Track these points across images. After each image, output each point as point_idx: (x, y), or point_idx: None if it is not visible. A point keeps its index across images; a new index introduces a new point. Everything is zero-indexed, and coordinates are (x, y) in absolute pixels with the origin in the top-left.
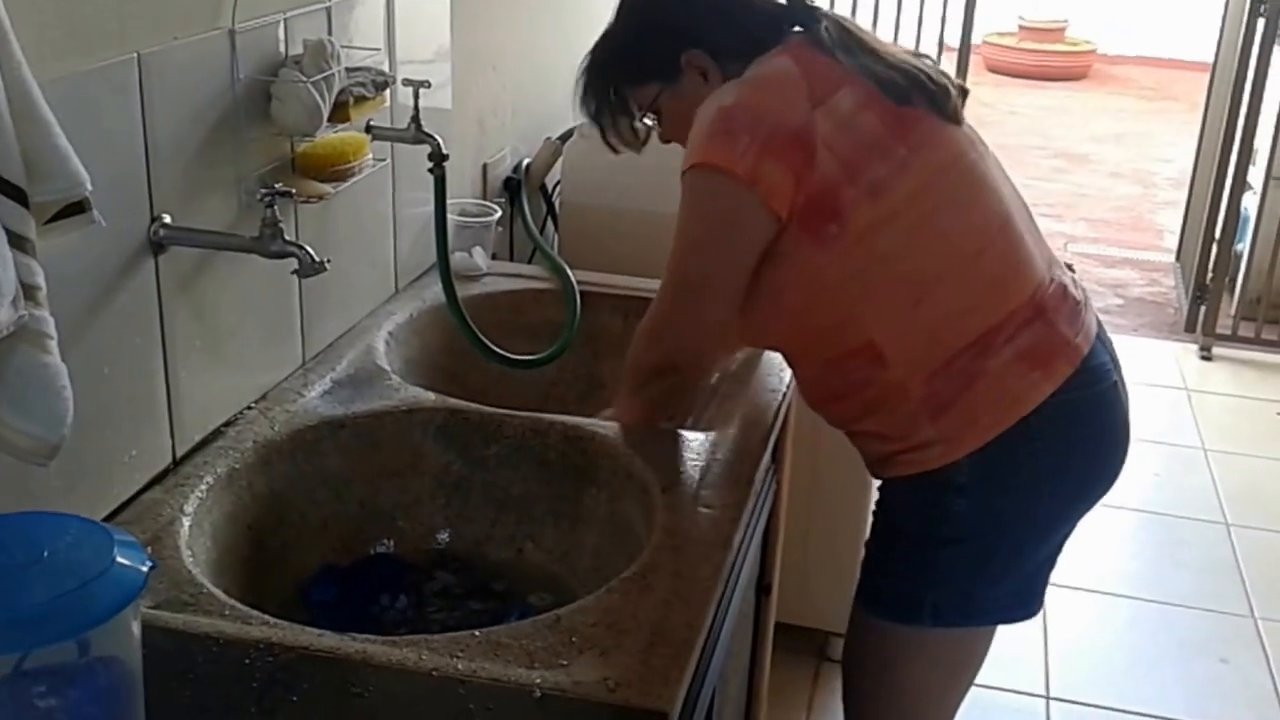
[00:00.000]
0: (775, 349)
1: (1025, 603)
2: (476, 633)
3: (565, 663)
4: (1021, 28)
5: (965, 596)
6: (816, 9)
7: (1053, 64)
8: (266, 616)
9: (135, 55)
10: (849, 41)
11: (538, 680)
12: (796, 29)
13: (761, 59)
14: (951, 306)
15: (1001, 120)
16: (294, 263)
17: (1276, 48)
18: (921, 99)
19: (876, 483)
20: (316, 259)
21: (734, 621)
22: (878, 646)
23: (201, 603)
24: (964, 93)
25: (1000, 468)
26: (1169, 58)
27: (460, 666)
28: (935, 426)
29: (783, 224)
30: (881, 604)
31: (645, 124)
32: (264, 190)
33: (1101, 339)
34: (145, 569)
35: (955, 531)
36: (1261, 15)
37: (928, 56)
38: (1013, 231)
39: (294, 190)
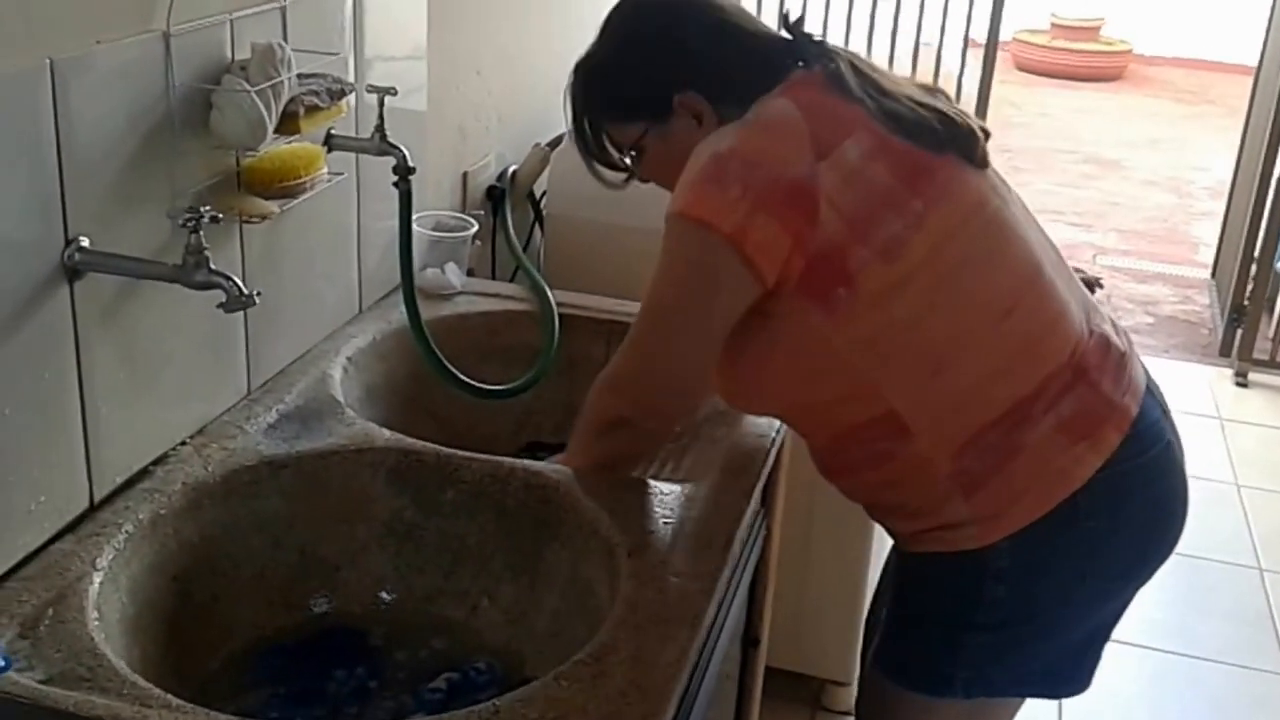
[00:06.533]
0: (779, 417)
1: (1068, 679)
2: None
3: None
4: (1054, 25)
5: (997, 674)
6: (825, 46)
7: (1086, 64)
8: (169, 698)
9: (48, 61)
10: (862, 81)
11: None
12: (801, 65)
13: (763, 99)
14: (978, 374)
15: (1030, 122)
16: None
17: None
18: (948, 144)
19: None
20: (245, 292)
21: (710, 690)
22: (902, 714)
23: (99, 678)
24: (986, 134)
25: (1043, 551)
26: (1210, 59)
27: None
28: (969, 505)
29: (769, 287)
30: (907, 676)
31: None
32: (187, 214)
33: (1152, 390)
34: None
35: (990, 618)
36: None
37: (943, 92)
38: (1044, 284)
39: (221, 214)
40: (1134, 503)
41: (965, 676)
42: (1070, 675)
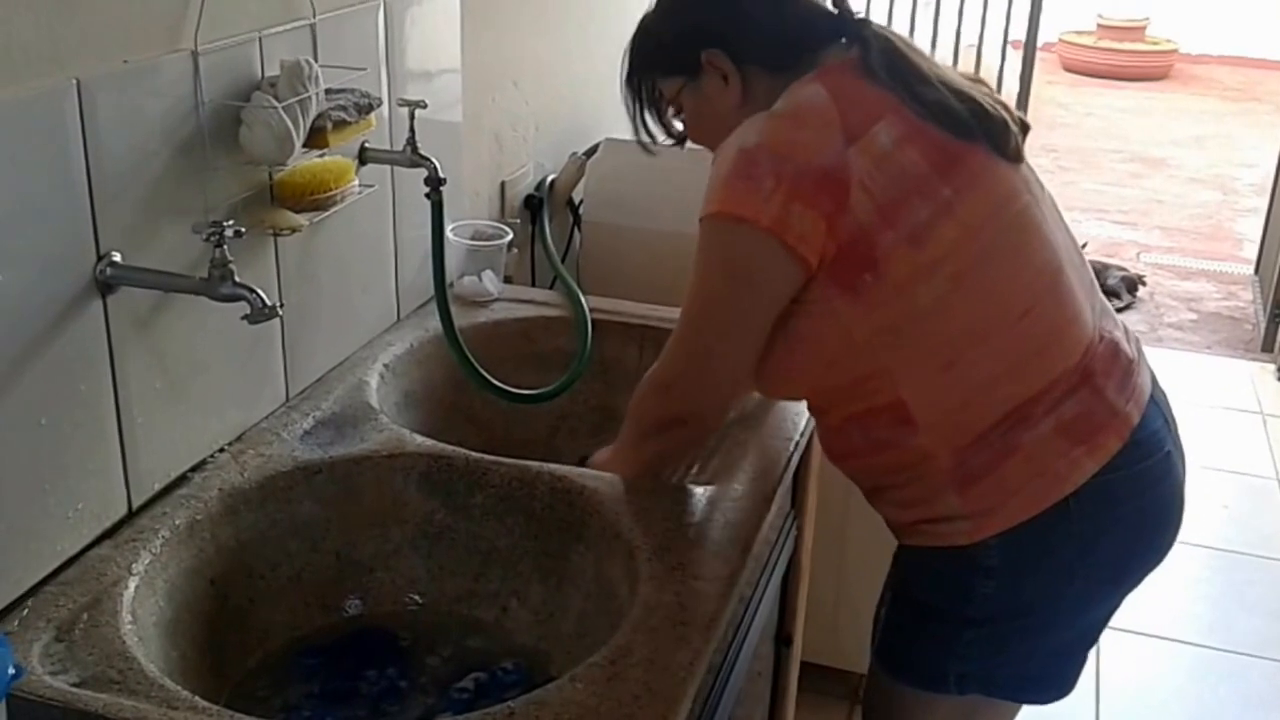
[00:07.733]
0: (796, 400)
1: (1054, 684)
2: None
3: None
4: (1100, 25)
5: (990, 672)
6: (867, 23)
7: (1132, 63)
8: (196, 700)
9: (74, 81)
10: (899, 64)
11: None
12: (842, 42)
13: (795, 85)
14: (990, 372)
15: (1077, 122)
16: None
17: None
18: (980, 134)
19: None
20: (268, 304)
21: (738, 690)
22: (900, 709)
23: (129, 680)
24: (1025, 128)
25: (1032, 550)
26: (1256, 57)
27: None
28: (962, 499)
29: (812, 272)
30: (903, 671)
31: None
32: (210, 228)
33: (1155, 399)
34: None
35: (980, 613)
36: None
37: (984, 84)
38: (1063, 288)
39: (245, 228)
40: (1125, 508)
41: (959, 672)
42: (1056, 679)
